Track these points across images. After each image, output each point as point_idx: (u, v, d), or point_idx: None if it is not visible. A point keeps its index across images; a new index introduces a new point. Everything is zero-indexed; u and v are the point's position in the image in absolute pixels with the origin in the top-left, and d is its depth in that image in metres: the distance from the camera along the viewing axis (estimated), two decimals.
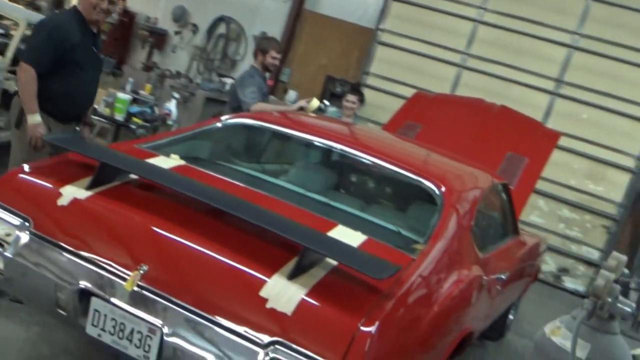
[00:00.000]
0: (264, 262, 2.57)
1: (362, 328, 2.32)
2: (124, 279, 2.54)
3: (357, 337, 2.30)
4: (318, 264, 2.56)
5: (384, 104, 9.57)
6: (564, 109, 9.10)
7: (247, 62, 10.62)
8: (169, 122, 6.46)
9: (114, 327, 2.56)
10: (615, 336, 2.94)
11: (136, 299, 2.53)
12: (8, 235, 2.77)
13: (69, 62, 3.90)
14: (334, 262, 2.58)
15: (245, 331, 2.39)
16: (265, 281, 2.45)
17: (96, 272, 2.61)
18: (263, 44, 5.84)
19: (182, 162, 3.29)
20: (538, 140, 6.46)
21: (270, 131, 4.05)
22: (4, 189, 2.90)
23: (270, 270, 2.51)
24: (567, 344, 2.75)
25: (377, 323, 2.35)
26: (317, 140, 3.76)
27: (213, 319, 2.43)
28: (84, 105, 4.17)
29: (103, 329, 2.58)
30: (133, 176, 2.99)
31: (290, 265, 2.53)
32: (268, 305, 2.39)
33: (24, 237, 2.74)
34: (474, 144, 6.21)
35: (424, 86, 9.23)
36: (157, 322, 2.49)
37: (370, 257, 2.59)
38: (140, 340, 2.52)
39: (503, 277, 3.99)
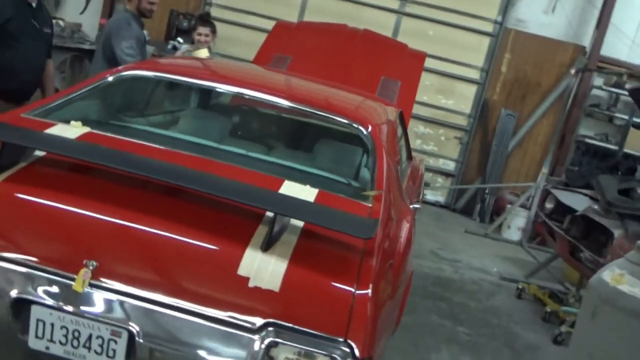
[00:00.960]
0: (228, 235, 2.28)
1: (359, 292, 2.15)
2: (71, 279, 2.14)
3: (356, 303, 2.13)
4: (286, 229, 2.33)
5: (233, 36, 9.17)
6: (411, 27, 9.27)
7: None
8: None
9: (65, 336, 2.17)
10: None
11: (90, 300, 2.15)
12: None
13: (4, 35, 3.83)
14: (300, 224, 2.37)
15: (231, 317, 2.11)
16: (239, 257, 2.18)
17: (32, 275, 2.16)
18: None
19: (87, 129, 2.83)
20: (406, 62, 6.49)
21: (172, 82, 3.62)
22: None
23: (241, 244, 2.23)
24: (638, 292, 2.64)
25: (370, 285, 2.19)
26: (228, 89, 3.42)
27: (191, 309, 2.12)
28: (28, 80, 4.00)
29: (51, 340, 2.17)
30: (38, 154, 2.51)
31: (259, 235, 2.27)
32: (251, 284, 2.12)
33: None
34: (349, 71, 6.11)
35: (272, 14, 8.92)
36: (122, 322, 2.14)
37: (346, 215, 2.40)
38: (101, 346, 2.16)
39: (418, 206, 3.98)
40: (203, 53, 4.74)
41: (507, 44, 9.28)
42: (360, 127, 3.21)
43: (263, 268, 2.15)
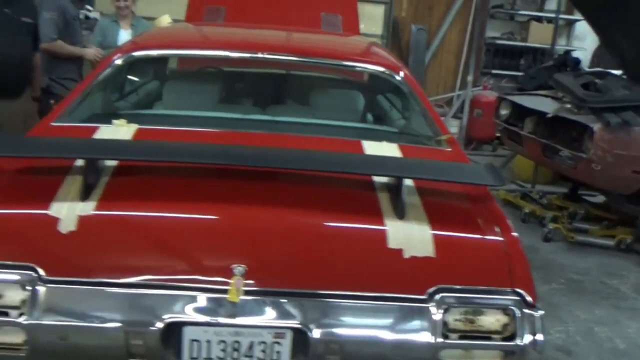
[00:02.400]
0: (359, 210, 2.18)
1: (507, 238, 2.15)
2: (222, 291, 1.96)
3: (510, 250, 2.12)
4: (403, 191, 2.24)
5: None
6: None
7: None
8: None
9: (223, 350, 1.99)
10: None
11: (247, 308, 1.98)
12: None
13: None
14: (410, 183, 2.29)
15: (399, 292, 2.03)
16: (384, 231, 2.09)
17: (181, 296, 1.97)
18: None
19: (135, 126, 2.57)
20: None
21: (179, 58, 3.34)
22: None
23: (376, 217, 2.13)
24: None
25: (511, 224, 2.20)
26: (246, 55, 3.19)
27: (356, 293, 2.02)
28: (7, 73, 3.64)
29: (208, 358, 2.01)
30: (109, 164, 2.25)
31: (384, 203, 2.19)
32: (406, 255, 2.04)
33: (41, 292, 1.94)
34: (286, 13, 5.90)
35: None
36: (286, 323, 2.00)
37: (467, 167, 2.36)
38: (264, 351, 2.01)
39: None
40: (165, 20, 4.36)
41: None
42: (393, 74, 3.12)
43: (411, 236, 2.08)
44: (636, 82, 4.94)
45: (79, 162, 2.22)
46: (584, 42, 9.82)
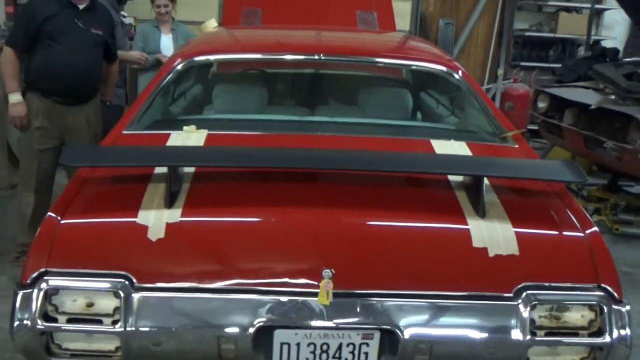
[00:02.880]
0: (440, 210, 2.21)
1: (589, 233, 2.16)
2: (312, 294, 1.99)
3: (593, 246, 2.14)
4: (482, 191, 2.25)
5: None
6: None
7: None
8: None
9: (312, 352, 2.03)
10: None
11: (336, 310, 2.01)
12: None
13: (44, 36, 3.82)
14: (486, 182, 2.30)
15: (483, 291, 2.05)
16: (467, 230, 2.10)
17: (272, 300, 2.00)
18: None
19: (205, 132, 2.61)
20: None
21: (237, 61, 3.40)
22: (63, 251, 2.03)
23: (458, 216, 2.15)
24: None
25: (590, 219, 2.21)
26: (307, 58, 3.23)
27: (444, 293, 2.04)
28: (71, 81, 3.88)
29: None
30: (187, 170, 2.28)
31: (463, 201, 2.21)
32: (491, 254, 2.07)
33: (134, 299, 1.98)
34: (323, 12, 5.94)
35: None
36: (375, 324, 2.02)
37: (542, 163, 2.37)
38: (352, 352, 2.04)
39: None
40: (211, 25, 4.40)
41: None
42: (452, 72, 3.13)
43: (494, 235, 2.10)
44: None
45: (159, 170, 2.26)
46: (612, 31, 9.73)
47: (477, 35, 9.54)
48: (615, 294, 2.07)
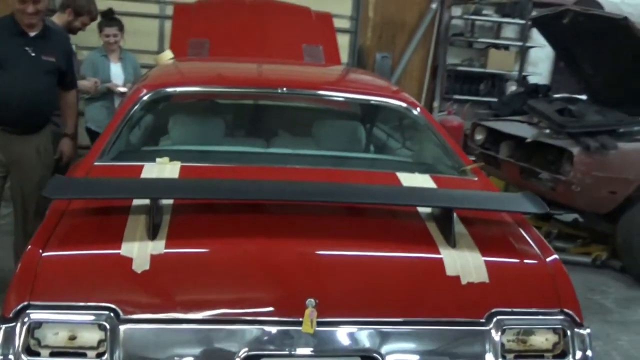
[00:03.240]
0: (413, 240, 2.32)
1: (549, 260, 2.32)
2: (297, 323, 2.05)
3: (555, 272, 2.30)
4: (452, 222, 2.39)
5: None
6: None
7: None
8: None
9: None
10: None
11: (321, 338, 2.07)
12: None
13: None
14: (454, 214, 2.44)
15: (456, 317, 2.17)
16: (440, 259, 2.23)
17: (257, 330, 2.04)
18: (81, 3, 4.83)
19: (178, 164, 2.64)
20: (317, 25, 6.52)
21: (203, 93, 3.45)
22: (46, 284, 2.02)
23: (430, 246, 2.27)
24: None
25: (550, 247, 2.37)
26: (271, 91, 3.31)
27: (422, 319, 2.14)
28: (21, 110, 3.75)
29: None
30: (165, 202, 2.31)
31: (434, 232, 2.34)
32: (463, 281, 2.19)
33: (120, 331, 1.99)
34: (268, 45, 6.04)
35: None
36: (358, 352, 2.09)
37: (506, 196, 2.53)
38: None
39: None
40: (167, 56, 4.43)
41: None
42: (411, 108, 3.27)
43: (465, 264, 2.23)
44: (601, 104, 5.27)
45: (138, 202, 2.29)
46: (537, 67, 10.26)
47: (412, 69, 9.88)
48: (577, 318, 2.23)
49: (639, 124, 5.33)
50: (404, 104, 3.25)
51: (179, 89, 3.27)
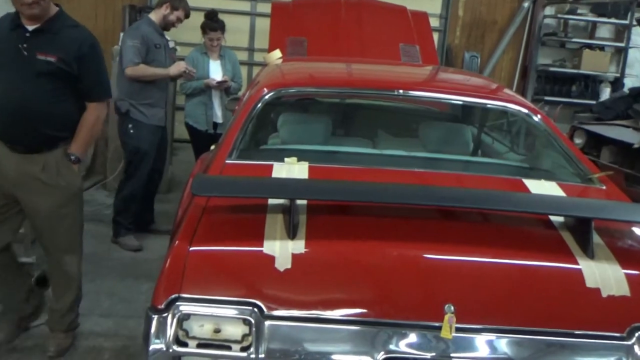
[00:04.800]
0: (551, 249, 2.28)
1: None
2: (436, 328, 2.05)
3: None
4: (591, 232, 2.33)
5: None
6: None
7: None
8: None
9: None
10: None
11: (459, 344, 2.06)
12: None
13: None
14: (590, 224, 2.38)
15: (596, 330, 2.12)
16: (579, 270, 2.18)
17: (395, 333, 2.05)
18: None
19: (306, 164, 2.69)
20: (414, 24, 6.49)
21: (322, 94, 3.50)
22: (194, 278, 2.09)
23: (569, 256, 2.22)
24: None
25: None
26: (385, 93, 3.33)
27: (561, 331, 2.10)
28: (11, 120, 3.06)
29: None
30: (300, 202, 2.35)
31: (571, 242, 2.29)
32: (604, 294, 2.13)
33: (264, 327, 2.05)
34: (366, 44, 6.06)
35: None
36: (496, 358, 2.08)
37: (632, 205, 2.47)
38: None
39: None
40: (276, 55, 4.50)
41: None
42: (532, 114, 3.21)
43: (605, 276, 2.17)
44: None
45: (274, 201, 2.34)
46: (634, 69, 9.91)
47: (501, 69, 9.71)
48: None
49: None
50: (524, 110, 3.19)
51: (300, 89, 3.31)
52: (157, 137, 4.94)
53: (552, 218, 2.41)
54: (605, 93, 9.45)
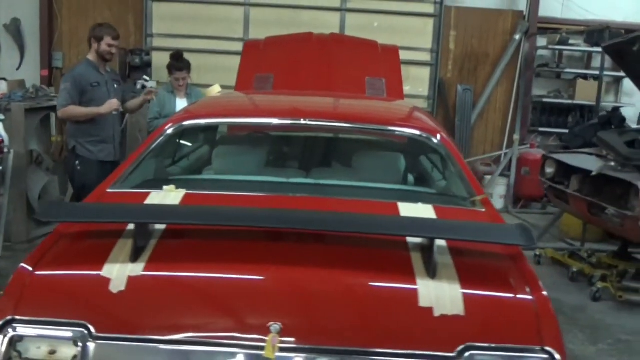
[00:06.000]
0: (392, 270, 2.29)
1: (537, 297, 2.21)
2: (260, 348, 2.07)
3: (540, 309, 2.18)
4: (435, 251, 2.33)
5: None
6: (356, 22, 9.31)
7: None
8: (5, 149, 5.27)
9: None
10: None
11: None
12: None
13: None
14: (443, 243, 2.38)
15: (426, 350, 2.11)
16: (415, 290, 2.18)
17: (220, 353, 2.08)
18: (96, 31, 5.11)
19: (183, 192, 2.75)
20: (383, 58, 6.55)
21: (227, 125, 3.58)
22: (31, 301, 2.17)
23: (408, 276, 2.23)
24: None
25: (540, 284, 2.25)
26: (286, 122, 3.40)
27: (387, 351, 2.10)
28: None
29: None
30: (158, 227, 2.41)
31: (417, 262, 2.29)
32: (436, 313, 2.13)
33: (92, 348, 2.09)
34: (332, 78, 6.12)
35: (215, 34, 8.97)
36: None
37: (498, 226, 2.45)
38: None
39: None
40: (215, 89, 4.63)
41: (450, 21, 9.50)
42: (431, 137, 3.24)
43: (441, 295, 2.16)
44: None
45: (131, 226, 2.40)
46: (633, 98, 9.75)
47: (495, 101, 9.69)
48: (558, 357, 2.10)
49: None
50: (423, 133, 3.22)
51: (202, 121, 3.39)
52: (107, 172, 5.07)
53: (409, 240, 2.42)
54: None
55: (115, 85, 5.32)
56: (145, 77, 7.00)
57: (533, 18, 9.36)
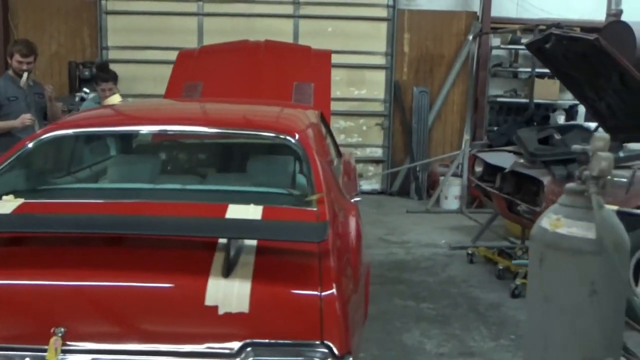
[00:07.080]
0: (187, 270, 2.33)
1: (324, 294, 2.24)
2: (42, 351, 2.13)
3: (324, 305, 2.21)
4: (243, 251, 2.39)
5: (136, 74, 9.09)
6: (309, 28, 9.39)
7: None
8: None
9: None
10: (606, 209, 2.93)
11: None
12: None
13: None
14: (254, 243, 2.44)
15: (209, 348, 2.16)
16: (203, 289, 2.23)
17: (10, 357, 2.15)
18: (10, 48, 5.31)
19: (20, 201, 2.81)
20: (314, 63, 6.62)
21: (93, 135, 3.64)
22: None
23: (201, 275, 2.28)
24: (575, 231, 2.81)
25: (333, 284, 2.28)
26: (148, 129, 3.46)
27: (168, 349, 2.16)
28: None
29: None
30: None
31: (217, 263, 2.33)
32: (220, 312, 2.18)
33: None
34: (260, 84, 6.21)
35: (170, 44, 8.99)
36: None
37: (294, 223, 2.49)
38: None
39: (359, 199, 4.10)
40: (115, 99, 4.72)
41: (404, 24, 9.56)
42: (288, 137, 3.28)
43: (228, 293, 2.21)
44: (611, 133, 4.95)
45: None
46: None
47: (452, 102, 9.73)
48: (336, 351, 2.15)
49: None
50: (278, 134, 3.26)
51: (65, 132, 3.44)
52: None
53: (221, 240, 2.46)
54: (560, 121, 9.33)
55: (37, 98, 5.41)
56: (85, 89, 7.11)
57: (486, 18, 9.40)
